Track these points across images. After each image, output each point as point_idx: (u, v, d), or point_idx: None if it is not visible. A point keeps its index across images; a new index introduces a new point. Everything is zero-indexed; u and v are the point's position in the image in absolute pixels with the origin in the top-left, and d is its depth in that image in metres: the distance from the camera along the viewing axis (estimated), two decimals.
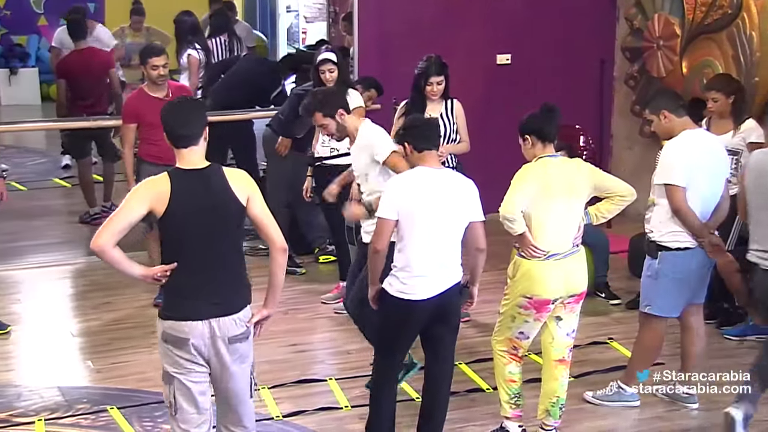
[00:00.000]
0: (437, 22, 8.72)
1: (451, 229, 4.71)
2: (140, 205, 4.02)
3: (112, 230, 3.98)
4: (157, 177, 4.12)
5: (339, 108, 5.65)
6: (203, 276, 4.10)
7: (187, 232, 4.07)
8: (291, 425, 5.49)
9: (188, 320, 4.07)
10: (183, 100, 4.35)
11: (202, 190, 4.09)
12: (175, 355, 4.10)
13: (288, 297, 7.38)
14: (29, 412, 5.59)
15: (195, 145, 4.12)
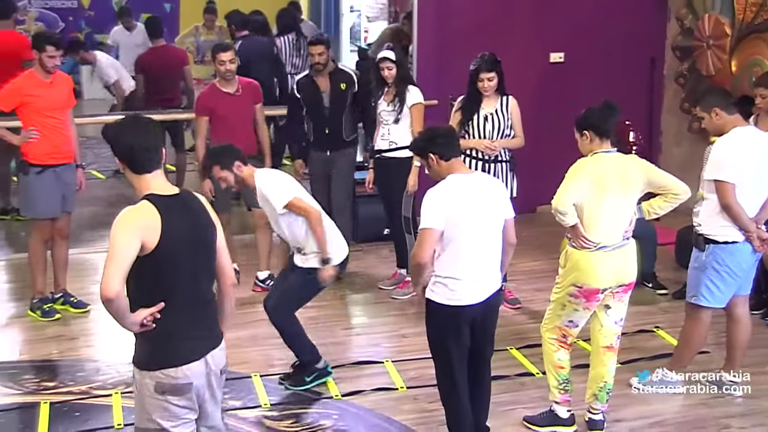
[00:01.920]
0: (493, 22, 8.64)
1: (493, 230, 4.61)
2: (133, 239, 3.39)
3: (120, 276, 3.35)
4: (139, 207, 3.49)
5: (235, 161, 5.51)
6: (194, 311, 3.60)
7: (179, 265, 3.51)
8: (349, 404, 5.49)
9: (188, 363, 3.55)
10: (140, 119, 3.67)
11: (188, 216, 3.57)
12: (174, 406, 3.55)
13: (346, 282, 7.41)
14: (107, 385, 5.66)
15: (159, 168, 3.58)
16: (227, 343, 3.77)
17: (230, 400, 5.47)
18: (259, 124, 7.21)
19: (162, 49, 9.38)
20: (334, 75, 7.17)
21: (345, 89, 7.16)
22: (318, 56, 7.05)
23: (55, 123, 6.54)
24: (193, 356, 3.57)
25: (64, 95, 6.65)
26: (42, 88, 6.47)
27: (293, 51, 10.12)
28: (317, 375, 5.63)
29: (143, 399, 3.57)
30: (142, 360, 3.58)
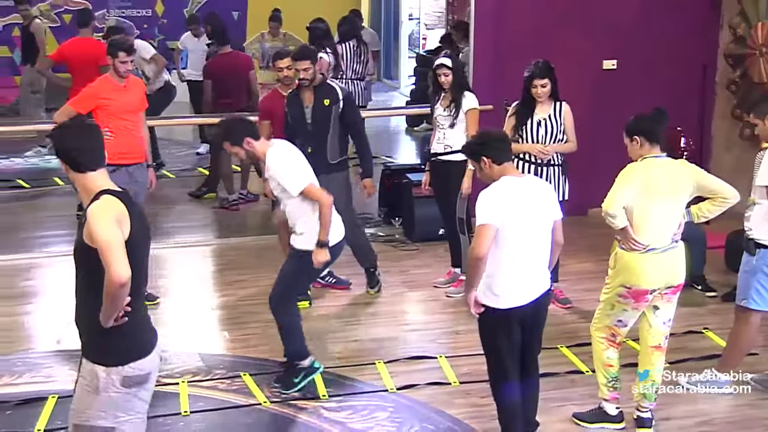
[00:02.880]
0: (547, 29, 8.59)
1: (542, 231, 4.59)
2: (117, 227, 3.37)
3: (126, 259, 3.32)
4: (107, 199, 3.43)
5: (245, 136, 5.36)
6: (143, 301, 3.64)
7: (141, 257, 3.51)
8: (404, 397, 5.50)
9: (151, 352, 3.59)
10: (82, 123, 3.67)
11: (138, 211, 3.56)
12: (139, 399, 3.56)
13: (404, 280, 7.43)
14: (174, 374, 5.74)
15: (103, 167, 3.54)
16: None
17: None
18: None
19: (228, 55, 9.49)
20: (318, 90, 6.66)
21: (329, 105, 6.64)
22: (303, 72, 6.59)
23: (128, 125, 6.67)
24: (153, 346, 3.62)
25: (137, 99, 6.79)
26: (116, 92, 6.62)
27: (354, 57, 10.18)
28: (305, 374, 5.51)
29: (100, 397, 3.47)
30: (109, 357, 3.49)
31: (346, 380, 5.70)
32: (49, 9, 15.57)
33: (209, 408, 5.35)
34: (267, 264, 7.60)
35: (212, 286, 7.53)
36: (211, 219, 9.28)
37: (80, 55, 8.08)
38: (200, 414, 5.28)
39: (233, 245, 8.45)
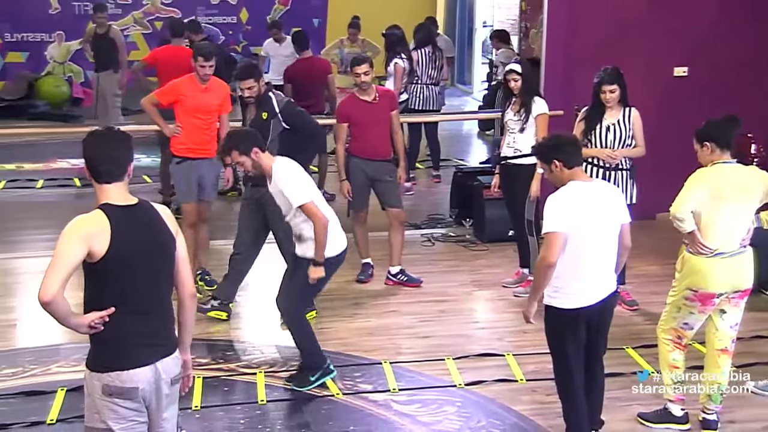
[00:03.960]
0: (619, 36, 8.47)
1: (610, 234, 4.52)
2: (77, 247, 3.29)
3: (58, 281, 3.24)
4: (90, 215, 3.38)
5: (253, 147, 5.28)
6: (147, 318, 3.48)
7: (131, 272, 3.39)
8: (471, 393, 5.48)
9: (136, 368, 3.43)
10: (112, 134, 3.54)
11: (142, 226, 3.46)
12: (121, 408, 3.43)
13: (473, 279, 7.40)
14: (252, 364, 5.82)
15: (120, 180, 3.47)
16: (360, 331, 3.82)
17: (362, 383, 5.56)
18: (395, 130, 7.26)
19: (308, 60, 9.56)
20: (259, 103, 6.44)
21: (267, 118, 6.39)
22: (247, 90, 6.39)
23: (199, 123, 6.92)
24: (142, 362, 3.44)
25: (216, 101, 7.00)
26: (196, 92, 6.88)
27: (429, 63, 10.17)
28: (321, 373, 5.44)
29: (93, 399, 3.45)
30: (92, 362, 3.46)
31: (416, 375, 5.70)
32: (142, 17, 15.92)
33: (284, 398, 5.41)
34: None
35: None
36: None
37: (170, 62, 8.27)
38: (276, 403, 5.34)
39: None
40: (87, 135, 3.54)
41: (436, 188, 10.34)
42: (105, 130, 3.56)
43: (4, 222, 8.99)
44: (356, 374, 5.66)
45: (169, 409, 3.58)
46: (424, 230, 8.63)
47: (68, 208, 9.11)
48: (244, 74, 6.44)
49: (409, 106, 10.06)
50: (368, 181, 7.14)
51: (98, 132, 3.55)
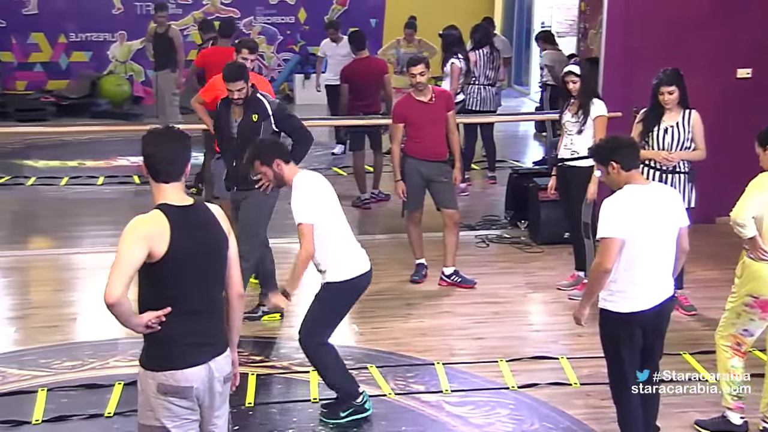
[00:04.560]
0: (680, 37, 8.33)
1: (668, 239, 4.44)
2: (138, 247, 3.32)
3: (122, 282, 3.27)
4: (149, 216, 3.41)
5: (275, 158, 5.09)
6: (201, 317, 3.50)
7: (188, 273, 3.43)
8: (524, 395, 5.44)
9: (191, 367, 3.46)
10: (171, 133, 3.55)
11: (199, 227, 3.49)
12: (176, 406, 3.45)
13: (528, 282, 7.35)
14: (305, 363, 5.78)
15: (178, 180, 3.49)
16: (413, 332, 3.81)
17: (414, 384, 5.55)
18: (451, 131, 7.24)
19: (364, 60, 9.59)
20: (247, 104, 6.21)
21: (257, 120, 6.18)
22: (237, 92, 6.14)
23: None
24: (195, 361, 3.46)
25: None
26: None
27: (486, 64, 10.14)
28: (353, 411, 5.13)
29: (147, 397, 3.48)
30: (147, 361, 3.49)
31: (469, 376, 5.68)
32: (202, 16, 16.10)
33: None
34: (397, 262, 7.66)
35: None
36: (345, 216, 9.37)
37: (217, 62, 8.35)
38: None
39: (364, 243, 8.40)
40: (146, 134, 3.56)
41: (492, 189, 10.30)
42: (164, 130, 3.58)
43: (66, 218, 9.17)
44: (408, 374, 5.66)
45: (221, 407, 3.61)
46: (478, 231, 8.60)
47: (127, 205, 9.31)
48: (235, 76, 6.15)
49: (465, 106, 10.03)
50: (423, 182, 7.14)
51: (157, 131, 3.56)
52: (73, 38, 15.74)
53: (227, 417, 3.69)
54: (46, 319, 6.39)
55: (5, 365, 5.72)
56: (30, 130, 12.33)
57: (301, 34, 16.58)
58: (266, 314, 6.46)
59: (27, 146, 12.58)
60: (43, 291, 7.37)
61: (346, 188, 10.17)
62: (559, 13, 15.88)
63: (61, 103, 14.60)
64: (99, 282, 3.37)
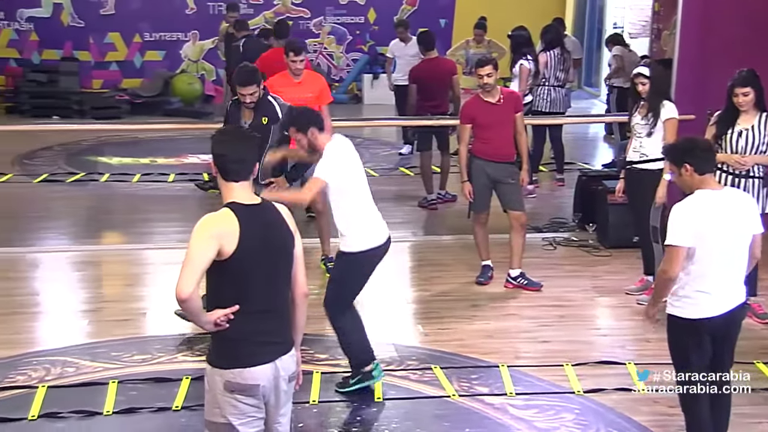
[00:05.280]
0: (756, 37, 8.13)
1: (740, 245, 4.33)
2: (209, 245, 3.38)
3: (194, 279, 3.34)
4: (219, 214, 3.47)
5: (310, 126, 5.21)
6: (268, 316, 3.54)
7: (256, 271, 3.46)
8: (590, 400, 5.37)
9: (258, 365, 3.50)
10: (241, 133, 3.64)
11: (267, 225, 3.53)
12: (242, 404, 3.50)
13: (595, 285, 7.26)
14: None
15: (246, 179, 3.55)
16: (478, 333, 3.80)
17: (478, 386, 5.53)
18: (519, 132, 7.20)
19: (433, 61, 9.58)
20: (258, 107, 6.18)
21: (267, 123, 6.14)
22: (249, 96, 6.13)
23: None
24: (262, 359, 3.50)
25: (311, 93, 7.27)
26: (288, 86, 7.20)
27: (557, 65, 10.05)
28: (360, 378, 5.33)
29: (214, 394, 3.52)
30: (214, 358, 3.54)
31: (534, 379, 5.63)
32: (273, 16, 16.29)
33: (401, 396, 5.43)
34: (462, 262, 7.65)
35: (408, 280, 7.63)
36: (409, 217, 9.40)
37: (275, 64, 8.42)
38: (392, 401, 5.37)
39: (430, 243, 8.54)
40: (216, 133, 3.63)
41: (559, 191, 10.20)
42: (233, 129, 3.69)
43: (137, 214, 9.36)
44: (473, 376, 5.64)
45: (285, 406, 3.65)
46: (545, 234, 8.53)
47: (196, 202, 9.47)
48: (247, 80, 6.15)
49: (534, 107, 9.96)
50: (490, 183, 7.11)
51: (227, 130, 3.65)
52: (147, 38, 16.07)
53: (290, 415, 3.72)
54: (117, 312, 6.53)
55: (78, 357, 5.86)
56: (104, 128, 12.64)
57: (370, 34, 16.64)
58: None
59: (101, 143, 12.88)
60: (115, 285, 7.54)
61: (413, 188, 10.20)
62: (631, 13, 15.65)
63: (134, 101, 14.92)
64: (168, 277, 3.44)
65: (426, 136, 9.65)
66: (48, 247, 8.22)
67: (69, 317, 6.60)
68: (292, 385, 3.68)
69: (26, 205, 9.73)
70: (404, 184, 10.78)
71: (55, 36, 15.81)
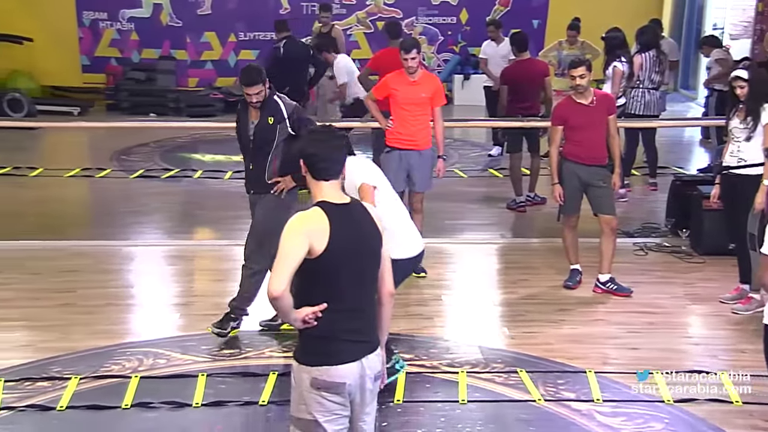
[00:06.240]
0: None
1: None
2: (300, 243, 3.41)
3: (286, 277, 3.38)
4: (310, 213, 3.51)
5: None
6: (355, 314, 3.56)
7: (344, 270, 3.49)
8: (681, 410, 5.25)
9: (345, 363, 3.53)
10: (331, 132, 3.66)
11: (356, 225, 3.55)
12: (328, 401, 3.52)
13: (688, 293, 7.10)
14: (454, 363, 5.84)
15: (336, 179, 3.59)
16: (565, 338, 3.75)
17: (564, 391, 5.46)
18: (612, 135, 7.08)
19: (525, 62, 9.50)
20: (264, 107, 6.03)
21: (273, 123, 6.02)
22: (255, 96, 5.95)
23: (407, 115, 7.24)
24: (349, 358, 3.53)
25: (426, 93, 7.24)
26: (404, 85, 7.22)
27: (653, 67, 9.85)
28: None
29: (300, 391, 3.55)
30: (301, 356, 3.56)
31: (622, 386, 5.53)
32: (365, 17, 16.41)
33: (485, 399, 5.40)
34: (550, 266, 7.57)
35: (496, 282, 7.59)
36: (497, 219, 9.35)
37: (389, 63, 8.47)
38: (476, 404, 5.34)
39: (518, 245, 8.47)
40: (306, 132, 3.71)
41: (652, 196, 10.00)
42: (324, 129, 3.68)
43: (228, 210, 9.51)
44: (559, 381, 5.57)
45: (371, 404, 3.67)
46: (636, 239, 8.37)
47: None
48: (252, 80, 5.97)
49: (628, 110, 9.78)
50: (581, 186, 7.01)
51: (318, 130, 3.67)
52: (242, 37, 16.38)
53: (375, 414, 3.74)
54: (207, 307, 6.66)
55: (169, 349, 6.01)
56: (199, 125, 12.91)
57: (462, 35, 16.60)
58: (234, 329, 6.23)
59: (195, 140, 13.18)
60: (205, 280, 7.71)
61: (501, 190, 10.13)
62: (733, 14, 15.24)
63: (228, 99, 15.20)
64: None
65: (516, 138, 9.58)
66: (142, 241, 8.45)
67: (161, 310, 6.78)
68: (378, 384, 3.69)
69: (122, 200, 10.02)
70: (493, 185, 10.72)
71: (154, 35, 16.26)
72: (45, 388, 5.39)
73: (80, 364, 5.71)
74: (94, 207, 10.24)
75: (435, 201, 8.82)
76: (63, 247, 8.06)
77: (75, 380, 5.45)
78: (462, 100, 15.77)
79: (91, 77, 16.30)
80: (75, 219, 9.57)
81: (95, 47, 16.36)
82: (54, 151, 13.29)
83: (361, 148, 10.40)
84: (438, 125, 7.34)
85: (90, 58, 16.38)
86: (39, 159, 11.95)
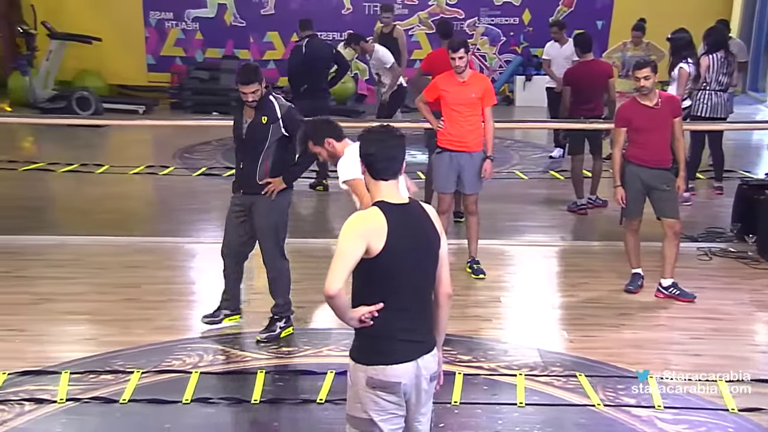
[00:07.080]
0: None
1: None
2: (358, 243, 3.41)
3: (342, 276, 3.38)
4: (369, 212, 3.52)
5: (326, 137, 5.42)
6: (412, 314, 3.55)
7: (401, 270, 3.48)
8: (746, 420, 5.14)
9: (401, 363, 3.53)
10: (390, 132, 3.62)
11: (415, 225, 3.54)
12: (384, 401, 3.53)
13: (754, 299, 6.97)
14: (512, 366, 5.80)
15: (395, 178, 3.58)
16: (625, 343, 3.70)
17: (624, 396, 5.38)
18: (677, 138, 6.96)
19: (589, 64, 9.40)
20: (259, 106, 6.00)
21: (266, 123, 5.98)
22: (251, 95, 5.94)
23: (457, 116, 7.24)
24: (405, 358, 3.52)
25: (475, 94, 7.22)
26: (454, 86, 7.22)
27: (720, 69, 9.67)
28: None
29: (356, 390, 3.55)
30: (358, 354, 3.57)
31: (684, 394, 5.43)
32: (427, 17, 16.40)
33: (543, 402, 5.36)
34: (611, 269, 7.48)
35: (555, 285, 7.52)
36: (558, 221, 9.27)
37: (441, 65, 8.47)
38: (534, 407, 5.30)
39: (578, 248, 8.39)
40: (365, 132, 3.66)
41: (717, 200, 9.82)
42: (383, 129, 3.66)
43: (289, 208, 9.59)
44: (619, 386, 5.49)
45: (426, 405, 3.66)
46: (701, 243, 8.23)
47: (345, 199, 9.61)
48: (248, 78, 5.95)
49: (693, 112, 9.62)
50: (644, 189, 6.91)
51: (376, 130, 3.65)
52: None
53: (430, 415, 3.72)
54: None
55: (229, 346, 6.08)
56: None
57: (524, 36, 16.49)
58: (284, 329, 6.25)
59: None
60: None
61: (563, 192, 10.05)
62: None
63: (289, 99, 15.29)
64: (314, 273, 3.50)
65: (578, 140, 9.49)
66: (204, 238, 8.56)
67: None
68: (433, 384, 3.68)
69: (185, 198, 10.16)
70: (554, 187, 10.63)
71: (218, 35, 16.47)
72: (108, 381, 5.50)
73: (142, 358, 5.81)
74: (158, 204, 10.40)
75: (495, 202, 8.79)
76: (127, 243, 8.21)
77: (137, 374, 5.54)
78: (523, 101, 15.68)
79: (156, 76, 16.60)
80: (139, 216, 9.73)
81: (161, 47, 16.64)
82: (119, 148, 13.54)
83: (415, 148, 10.43)
84: (488, 126, 7.29)
85: (155, 57, 16.68)
86: (105, 156, 12.19)
